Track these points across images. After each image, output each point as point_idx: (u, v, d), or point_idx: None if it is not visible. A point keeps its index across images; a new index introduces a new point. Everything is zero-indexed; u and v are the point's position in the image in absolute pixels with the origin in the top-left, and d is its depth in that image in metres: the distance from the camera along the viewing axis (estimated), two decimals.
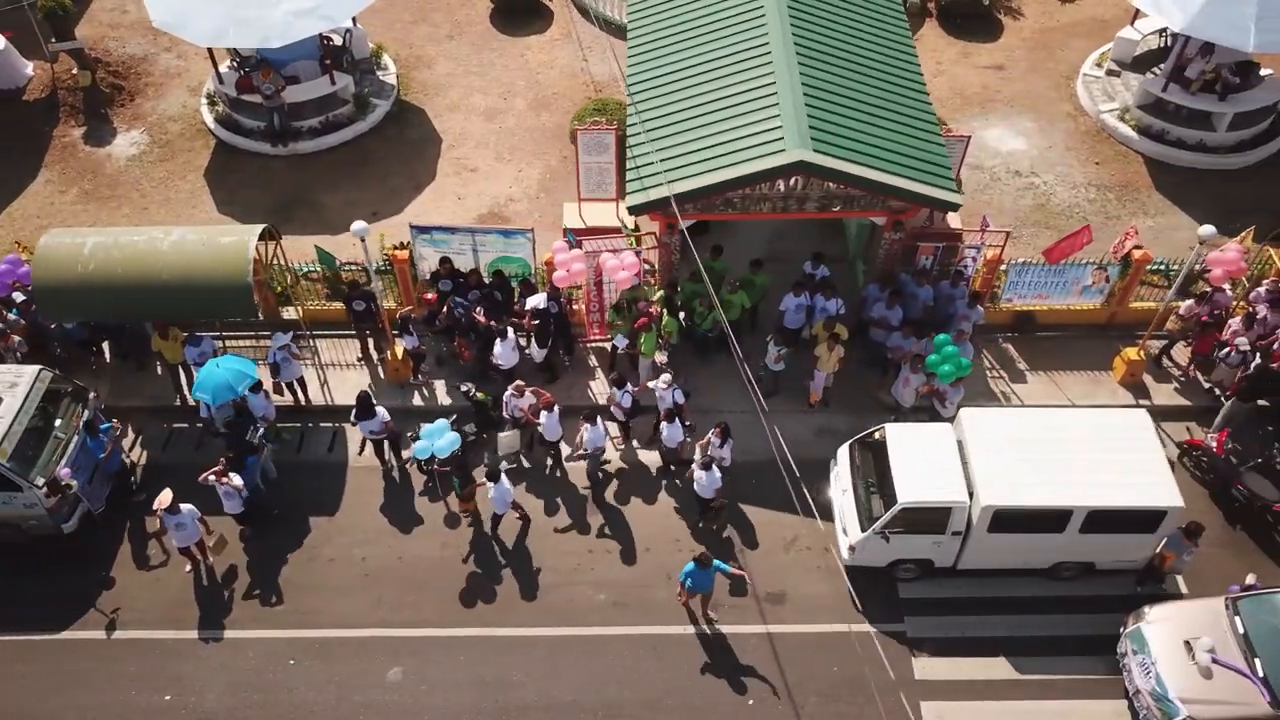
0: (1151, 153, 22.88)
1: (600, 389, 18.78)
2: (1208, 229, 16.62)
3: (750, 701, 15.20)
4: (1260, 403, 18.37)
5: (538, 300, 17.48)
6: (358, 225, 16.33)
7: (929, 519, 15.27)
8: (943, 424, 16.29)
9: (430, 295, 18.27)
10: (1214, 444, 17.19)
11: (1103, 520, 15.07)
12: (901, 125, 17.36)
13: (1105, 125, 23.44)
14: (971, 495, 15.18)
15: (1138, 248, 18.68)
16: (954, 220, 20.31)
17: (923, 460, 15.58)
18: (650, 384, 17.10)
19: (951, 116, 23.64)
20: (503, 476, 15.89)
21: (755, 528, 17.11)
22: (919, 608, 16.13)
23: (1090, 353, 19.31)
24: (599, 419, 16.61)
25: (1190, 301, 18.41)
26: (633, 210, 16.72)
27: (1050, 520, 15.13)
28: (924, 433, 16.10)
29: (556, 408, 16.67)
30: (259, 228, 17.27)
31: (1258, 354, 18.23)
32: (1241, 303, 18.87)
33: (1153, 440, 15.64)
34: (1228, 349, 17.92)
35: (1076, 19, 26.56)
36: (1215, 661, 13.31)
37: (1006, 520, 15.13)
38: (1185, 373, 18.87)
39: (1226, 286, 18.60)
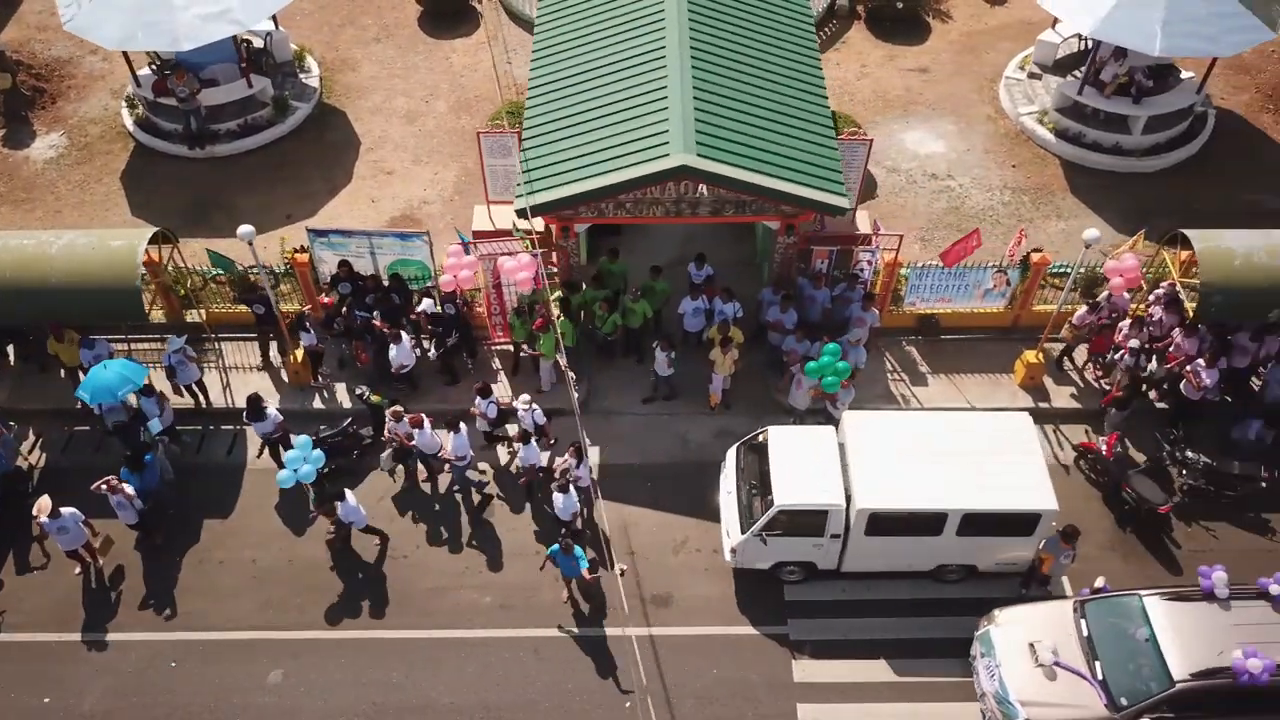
0: (1069, 155, 22.95)
1: (502, 392, 18.84)
2: (1091, 233, 16.69)
3: (627, 704, 15.24)
4: (1160, 405, 18.54)
5: (426, 304, 17.54)
6: (244, 229, 16.35)
7: (806, 521, 15.31)
8: (826, 427, 16.32)
9: (326, 298, 18.32)
10: (1103, 447, 17.25)
11: (978, 523, 15.13)
12: (794, 130, 17.41)
13: (1024, 128, 23.52)
14: (849, 498, 15.24)
15: (1036, 250, 18.75)
16: (863, 224, 20.41)
17: (802, 463, 15.62)
18: (513, 403, 17.03)
19: (871, 119, 23.73)
20: (348, 495, 15.85)
21: (647, 530, 17.17)
22: (803, 610, 16.18)
23: (994, 355, 19.37)
24: (462, 426, 16.58)
25: (1083, 310, 18.45)
26: (519, 213, 16.76)
27: (927, 523, 15.18)
28: (806, 435, 16.13)
29: (428, 422, 16.63)
30: (149, 231, 17.32)
31: (1153, 356, 18.37)
32: (1140, 305, 18.94)
33: (1032, 443, 15.68)
34: (1121, 351, 18.00)
35: (1005, 22, 26.62)
36: (1056, 664, 13.36)
37: (883, 523, 15.19)
38: (1083, 375, 18.94)
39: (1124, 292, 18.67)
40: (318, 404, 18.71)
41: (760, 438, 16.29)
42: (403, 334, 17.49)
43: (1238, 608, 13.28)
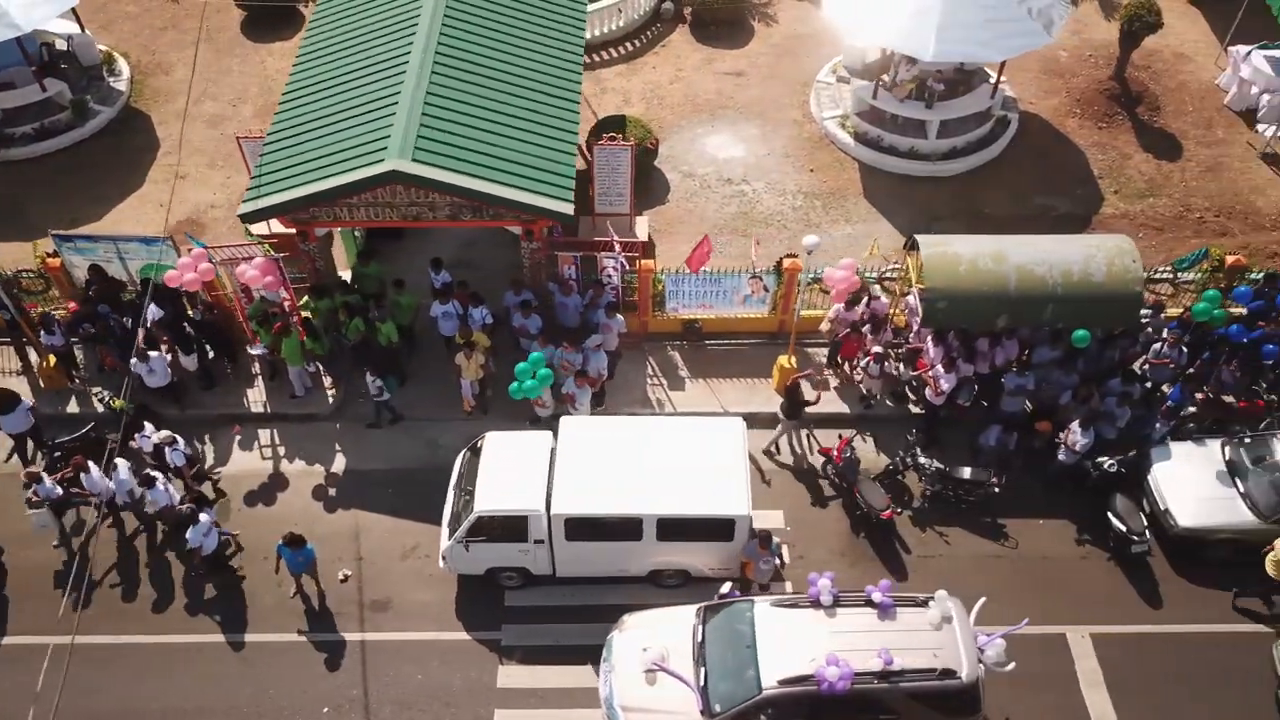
0: (867, 159, 22.98)
1: (257, 397, 18.91)
2: (810, 239, 16.77)
3: (325, 709, 15.27)
4: (916, 410, 18.59)
5: (153, 311, 17.53)
6: None
7: (509, 527, 15.35)
8: (544, 432, 16.35)
9: (73, 304, 18.32)
10: (835, 453, 17.30)
11: (676, 528, 15.18)
12: (529, 138, 17.39)
13: (828, 132, 23.54)
14: (549, 503, 15.26)
15: (790, 256, 18.78)
16: (641, 231, 20.45)
17: (511, 468, 15.68)
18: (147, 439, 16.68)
19: (677, 123, 23.74)
20: None
21: (379, 535, 17.19)
22: (520, 615, 16.21)
23: (757, 360, 19.40)
24: (119, 464, 16.35)
25: (840, 305, 18.49)
26: (242, 218, 16.78)
27: (625, 528, 15.22)
28: (522, 441, 16.17)
29: (93, 465, 16.26)
30: None
31: (900, 364, 18.44)
32: (896, 310, 19.00)
33: (738, 450, 15.72)
34: (868, 358, 18.05)
35: (828, 26, 26.56)
36: (659, 669, 13.36)
37: (582, 528, 15.23)
38: (839, 378, 19.00)
39: (881, 294, 18.72)
40: (73, 407, 18.71)
41: (479, 443, 16.32)
42: (150, 353, 17.40)
43: (842, 615, 13.28)
